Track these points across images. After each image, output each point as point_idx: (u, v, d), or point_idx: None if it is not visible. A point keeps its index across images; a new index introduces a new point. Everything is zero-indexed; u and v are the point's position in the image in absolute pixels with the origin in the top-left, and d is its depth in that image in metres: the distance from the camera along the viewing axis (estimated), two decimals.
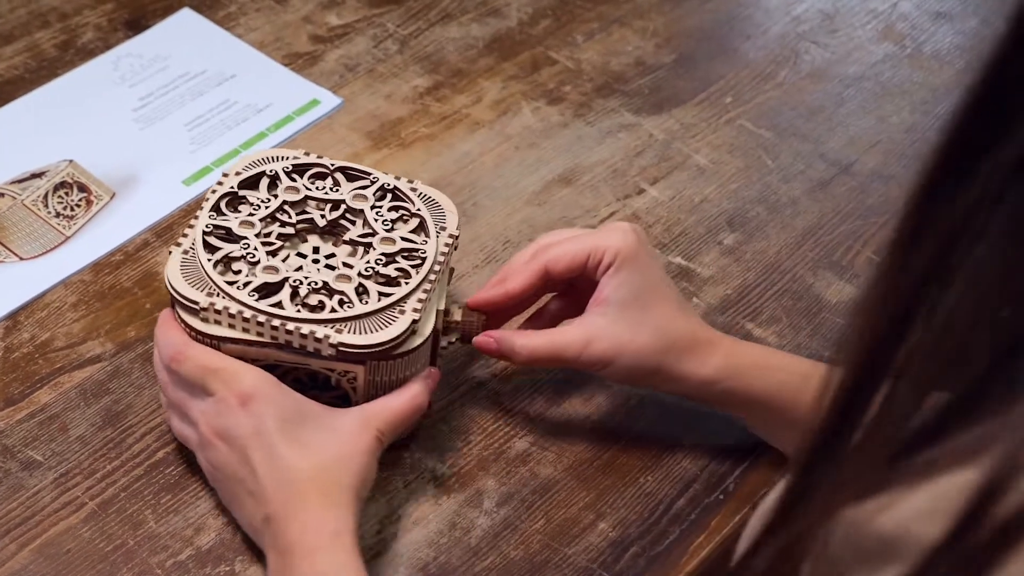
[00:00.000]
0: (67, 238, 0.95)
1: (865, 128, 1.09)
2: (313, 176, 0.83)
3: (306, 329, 0.74)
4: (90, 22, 1.14)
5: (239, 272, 0.77)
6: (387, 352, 0.75)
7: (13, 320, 0.89)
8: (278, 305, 0.75)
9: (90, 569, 0.76)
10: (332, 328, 0.74)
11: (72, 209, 0.97)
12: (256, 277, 0.76)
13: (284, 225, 0.80)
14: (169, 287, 0.76)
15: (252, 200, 0.81)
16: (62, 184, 0.97)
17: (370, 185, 0.82)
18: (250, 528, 0.75)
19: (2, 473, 0.80)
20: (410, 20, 1.17)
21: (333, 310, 0.75)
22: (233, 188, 0.81)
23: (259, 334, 0.74)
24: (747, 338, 0.89)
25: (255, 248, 0.78)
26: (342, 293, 0.76)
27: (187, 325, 0.75)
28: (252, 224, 0.79)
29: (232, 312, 0.74)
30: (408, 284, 0.76)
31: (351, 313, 0.74)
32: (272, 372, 0.75)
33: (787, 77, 1.14)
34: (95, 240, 0.95)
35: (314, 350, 0.74)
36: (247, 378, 0.73)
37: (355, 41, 1.14)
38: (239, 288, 0.75)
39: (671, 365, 0.78)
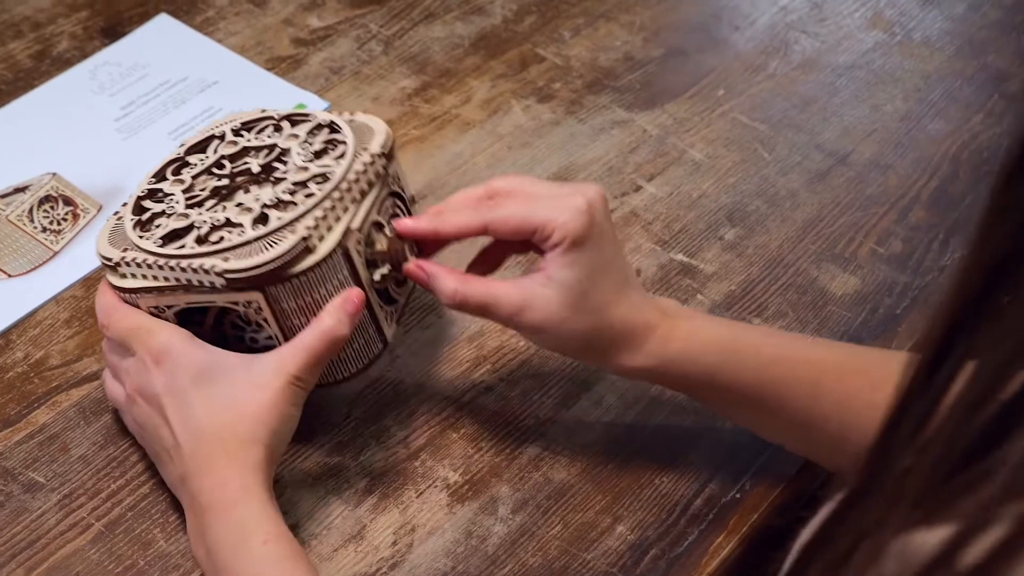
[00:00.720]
0: (55, 253, 0.95)
1: (859, 117, 1.11)
2: (260, 130, 0.84)
3: (196, 263, 0.74)
4: (65, 31, 1.13)
5: (159, 227, 0.78)
6: (277, 274, 0.73)
7: (5, 339, 0.89)
8: (182, 248, 0.76)
9: None
10: (220, 257, 0.74)
11: (59, 223, 0.96)
12: (167, 227, 0.78)
13: (220, 178, 0.81)
14: (96, 251, 0.79)
15: (193, 161, 0.83)
16: (47, 198, 0.97)
17: (306, 124, 0.83)
18: (171, 486, 0.78)
19: (4, 496, 0.80)
20: (393, 20, 1.17)
21: (226, 240, 0.75)
22: (180, 155, 0.84)
23: (165, 279, 0.76)
24: None
25: (176, 202, 0.80)
26: (240, 225, 0.76)
27: (111, 285, 0.79)
28: (183, 181, 0.81)
29: (139, 262, 0.76)
30: (304, 205, 0.75)
31: (241, 240, 0.75)
32: (203, 319, 0.78)
33: (778, 68, 1.15)
34: (84, 254, 0.95)
35: (209, 284, 0.75)
36: (159, 336, 0.76)
37: (338, 43, 1.14)
38: (148, 240, 0.77)
39: (602, 352, 0.77)
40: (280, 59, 1.12)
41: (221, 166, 0.82)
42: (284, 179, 0.79)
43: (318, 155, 0.80)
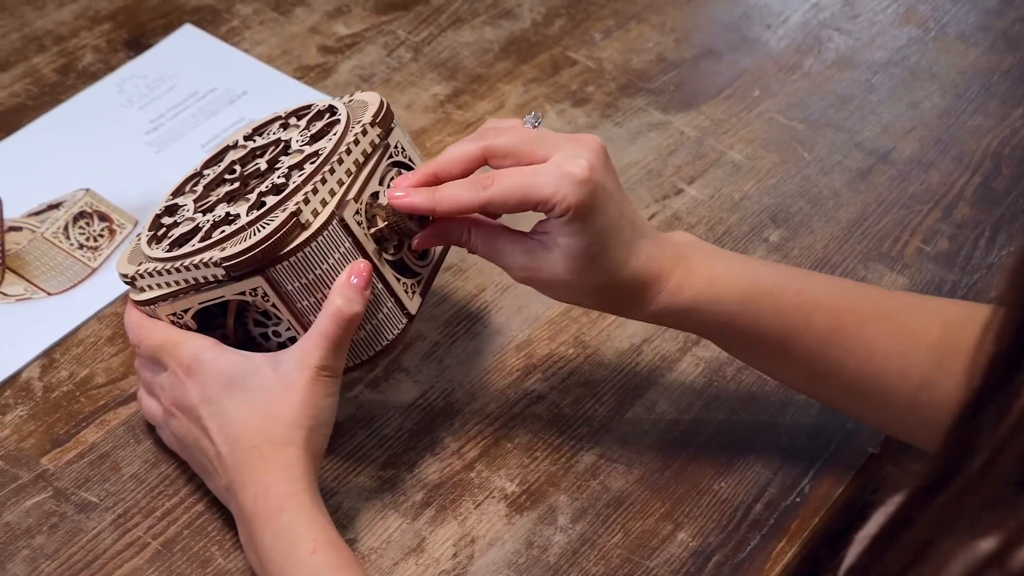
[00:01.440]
0: (94, 270, 0.96)
1: (898, 115, 1.12)
2: (268, 131, 0.86)
3: (197, 259, 0.76)
4: (88, 44, 1.15)
5: (169, 237, 0.80)
6: (271, 253, 0.73)
7: (48, 358, 0.90)
8: (185, 249, 0.77)
9: None
10: (217, 248, 0.76)
11: (95, 239, 0.98)
12: (176, 235, 0.80)
13: (232, 183, 0.82)
14: (116, 271, 0.82)
15: (207, 173, 0.85)
16: (81, 214, 0.98)
17: (308, 114, 0.84)
18: (220, 496, 0.79)
19: (58, 517, 0.81)
20: (421, 26, 1.19)
21: (225, 232, 0.76)
22: (197, 169, 0.86)
23: (176, 283, 0.77)
24: None
25: (187, 211, 0.82)
26: (236, 216, 0.77)
27: (135, 302, 0.81)
28: (195, 192, 0.83)
29: (151, 271, 0.78)
30: (295, 183, 0.76)
31: (237, 227, 0.76)
32: (224, 322, 0.79)
33: (813, 66, 1.17)
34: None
35: (213, 278, 0.76)
36: (187, 346, 0.77)
37: (366, 50, 1.16)
38: (158, 249, 0.79)
39: (616, 303, 0.79)
40: (308, 68, 1.13)
41: (232, 171, 0.84)
42: (282, 167, 0.80)
43: (315, 138, 0.81)
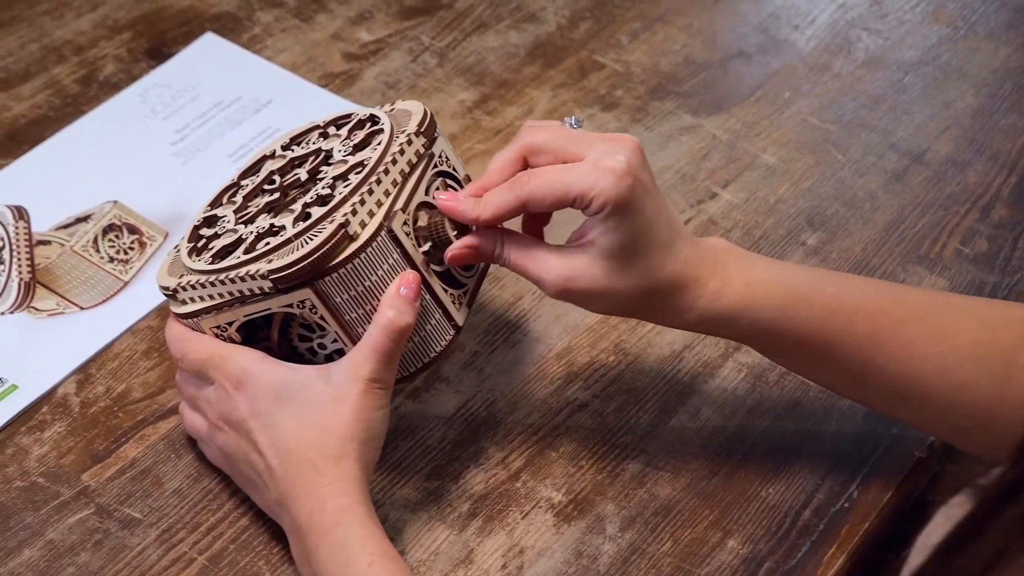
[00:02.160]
0: (125, 283, 0.97)
1: (931, 115, 1.14)
2: (307, 140, 0.87)
3: (243, 271, 0.77)
4: (108, 53, 1.16)
5: (211, 249, 0.81)
6: (320, 265, 0.74)
7: (84, 373, 0.91)
8: (230, 261, 0.78)
9: None
10: (264, 260, 0.77)
11: (125, 252, 0.99)
12: (219, 246, 0.81)
13: (272, 193, 0.83)
14: (157, 283, 0.83)
15: (245, 184, 0.86)
16: (111, 227, 1.00)
17: (349, 123, 0.86)
18: (267, 511, 0.80)
19: (102, 534, 0.82)
20: (444, 31, 1.20)
21: (271, 244, 0.77)
22: (234, 180, 0.87)
23: (220, 295, 0.79)
24: None
25: (227, 222, 0.83)
26: (283, 228, 0.78)
27: (177, 316, 0.82)
28: (235, 203, 0.84)
29: (193, 284, 0.79)
30: (342, 195, 0.77)
31: (283, 239, 0.77)
32: (268, 334, 0.80)
33: (843, 67, 1.18)
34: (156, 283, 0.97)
35: (259, 290, 0.77)
36: (235, 360, 0.78)
37: (391, 57, 1.17)
38: (201, 261, 0.80)
39: (654, 310, 0.80)
40: (333, 75, 1.15)
41: (272, 182, 0.85)
42: (325, 177, 0.81)
43: (358, 148, 0.82)
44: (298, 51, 1.17)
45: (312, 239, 0.75)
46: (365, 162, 0.79)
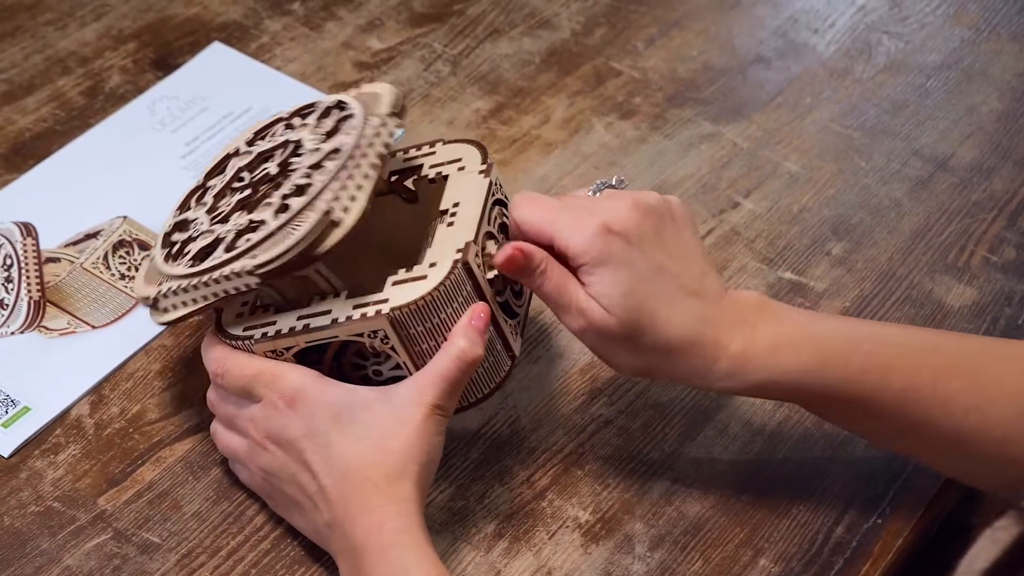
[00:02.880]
0: (137, 301, 0.97)
1: (955, 120, 1.14)
2: (273, 133, 0.87)
3: (227, 270, 0.77)
4: (114, 64, 1.16)
5: (188, 252, 0.81)
6: (307, 255, 0.75)
7: (98, 394, 0.91)
8: (211, 262, 0.79)
9: None
10: (248, 256, 0.77)
11: (137, 269, 0.99)
12: (196, 249, 0.81)
13: (242, 191, 0.84)
14: (135, 295, 0.82)
15: (213, 184, 0.86)
16: (121, 243, 1.00)
17: (316, 111, 0.86)
18: (312, 534, 0.80)
19: (120, 559, 0.82)
20: (457, 38, 1.20)
21: (252, 240, 0.78)
22: (200, 182, 0.87)
23: (204, 298, 0.79)
24: None
25: (201, 224, 0.83)
26: (261, 222, 0.79)
27: (221, 335, 0.82)
28: (205, 204, 0.85)
29: (175, 290, 0.80)
30: (320, 183, 0.78)
31: (265, 233, 0.77)
32: (318, 355, 0.80)
33: (864, 72, 1.19)
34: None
35: (245, 287, 0.77)
36: (289, 378, 0.78)
37: (403, 65, 1.17)
38: (180, 266, 0.80)
39: (669, 369, 0.80)
40: (344, 85, 1.15)
41: (241, 179, 0.85)
42: (299, 168, 0.81)
43: (330, 135, 0.83)
44: (308, 60, 1.18)
45: (296, 229, 0.76)
46: (340, 148, 0.80)
